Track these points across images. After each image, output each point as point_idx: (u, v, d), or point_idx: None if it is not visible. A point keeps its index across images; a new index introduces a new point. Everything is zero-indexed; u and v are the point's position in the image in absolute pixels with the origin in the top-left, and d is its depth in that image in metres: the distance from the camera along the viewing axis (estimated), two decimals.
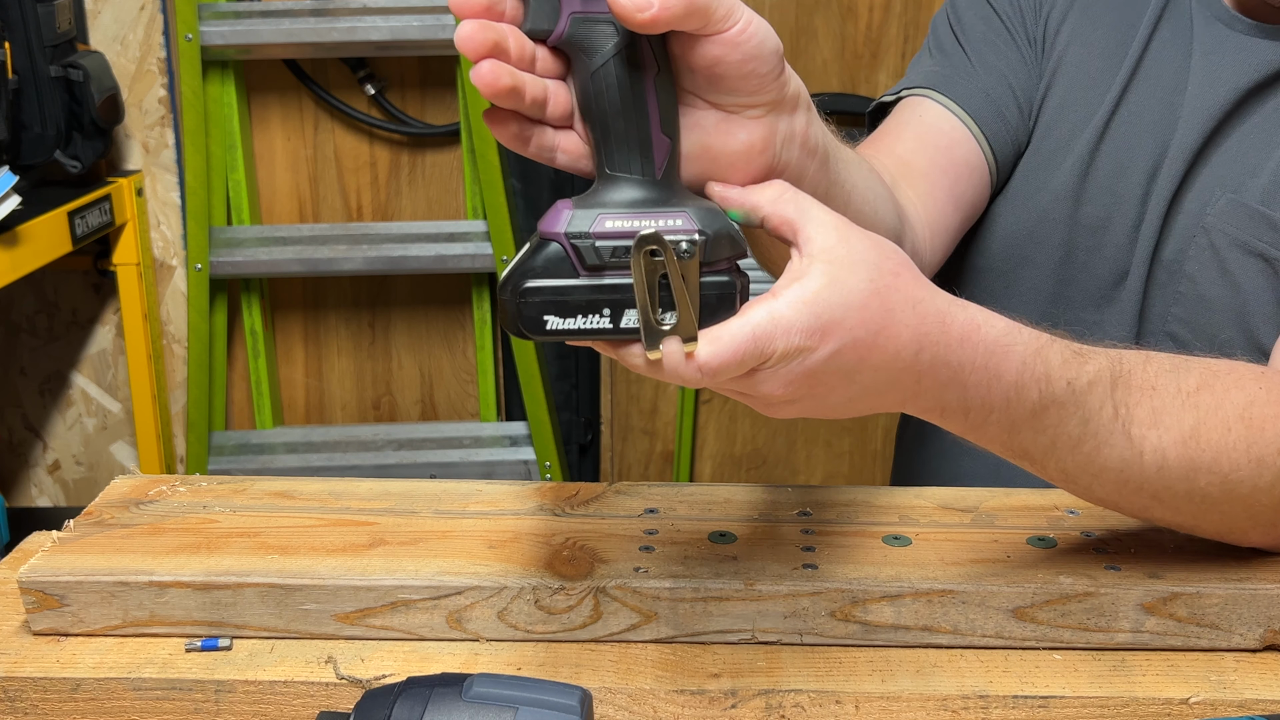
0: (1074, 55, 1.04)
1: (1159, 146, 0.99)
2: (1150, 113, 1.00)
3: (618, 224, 0.61)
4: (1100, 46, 1.03)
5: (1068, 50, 1.04)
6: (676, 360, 0.60)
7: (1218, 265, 0.95)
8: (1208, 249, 0.96)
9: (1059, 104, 1.03)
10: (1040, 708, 0.73)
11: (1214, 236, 0.95)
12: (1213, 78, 0.97)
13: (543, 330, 0.62)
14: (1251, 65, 0.96)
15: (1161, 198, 0.98)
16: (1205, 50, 0.98)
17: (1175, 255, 0.98)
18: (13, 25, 1.86)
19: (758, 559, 0.79)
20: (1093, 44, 1.03)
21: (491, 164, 2.07)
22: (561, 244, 0.61)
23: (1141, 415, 0.73)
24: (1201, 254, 0.96)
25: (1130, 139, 1.00)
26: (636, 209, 0.62)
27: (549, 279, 0.61)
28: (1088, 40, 1.03)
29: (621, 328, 0.62)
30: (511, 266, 0.63)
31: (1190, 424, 0.73)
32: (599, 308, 0.62)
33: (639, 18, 0.57)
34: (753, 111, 0.64)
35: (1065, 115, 1.03)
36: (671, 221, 0.61)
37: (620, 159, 0.62)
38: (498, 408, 2.37)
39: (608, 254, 0.61)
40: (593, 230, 0.61)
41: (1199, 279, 0.96)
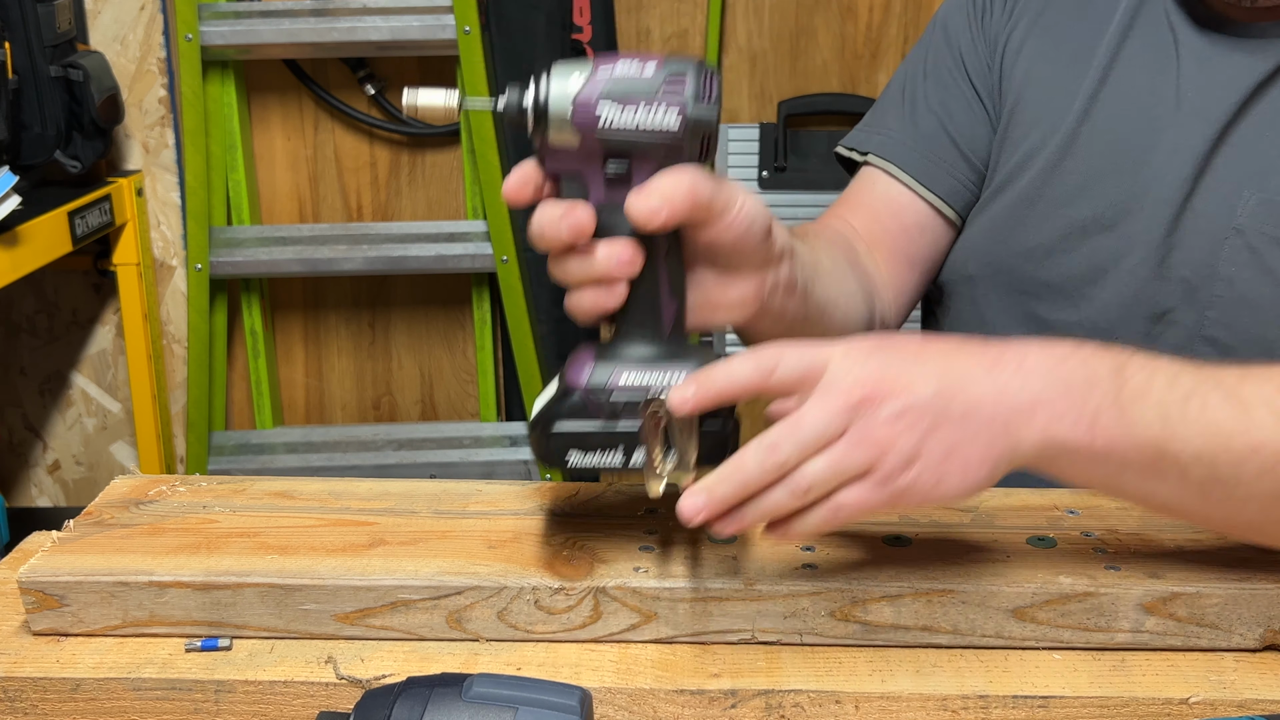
0: (1039, 71, 1.05)
1: (1139, 156, 0.99)
2: (1126, 123, 1.00)
3: (630, 379, 0.73)
4: (1065, 59, 1.04)
5: (1032, 68, 1.06)
6: (680, 505, 0.70)
7: (1258, 265, 0.94)
8: (1244, 250, 0.95)
9: (1029, 119, 1.05)
10: (1040, 708, 0.73)
11: (1250, 237, 0.94)
12: (1210, 82, 0.97)
13: (565, 463, 0.74)
14: (1251, 65, 0.96)
15: (1167, 205, 0.98)
16: (1197, 57, 0.98)
17: (1204, 259, 0.97)
18: (13, 25, 1.86)
19: (758, 559, 0.79)
20: (1057, 59, 1.05)
21: (491, 164, 2.08)
22: (584, 396, 0.73)
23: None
24: (1238, 255, 0.95)
25: (1102, 148, 1.01)
26: (647, 364, 0.74)
27: (572, 422, 0.73)
28: (1051, 57, 1.05)
29: (632, 466, 0.74)
30: (542, 408, 0.75)
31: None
32: (614, 446, 0.73)
33: (652, 224, 0.69)
34: (745, 270, 0.76)
35: (1031, 131, 1.04)
36: (676, 376, 0.73)
37: (635, 318, 0.74)
38: (498, 408, 2.37)
39: (621, 405, 0.73)
40: (609, 384, 0.73)
41: (1237, 281, 0.95)
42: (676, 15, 2.26)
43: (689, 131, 0.69)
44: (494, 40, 2.18)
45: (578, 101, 0.69)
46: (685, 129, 0.69)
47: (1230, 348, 0.97)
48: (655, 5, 2.26)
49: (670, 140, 0.69)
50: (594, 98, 0.69)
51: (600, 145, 0.70)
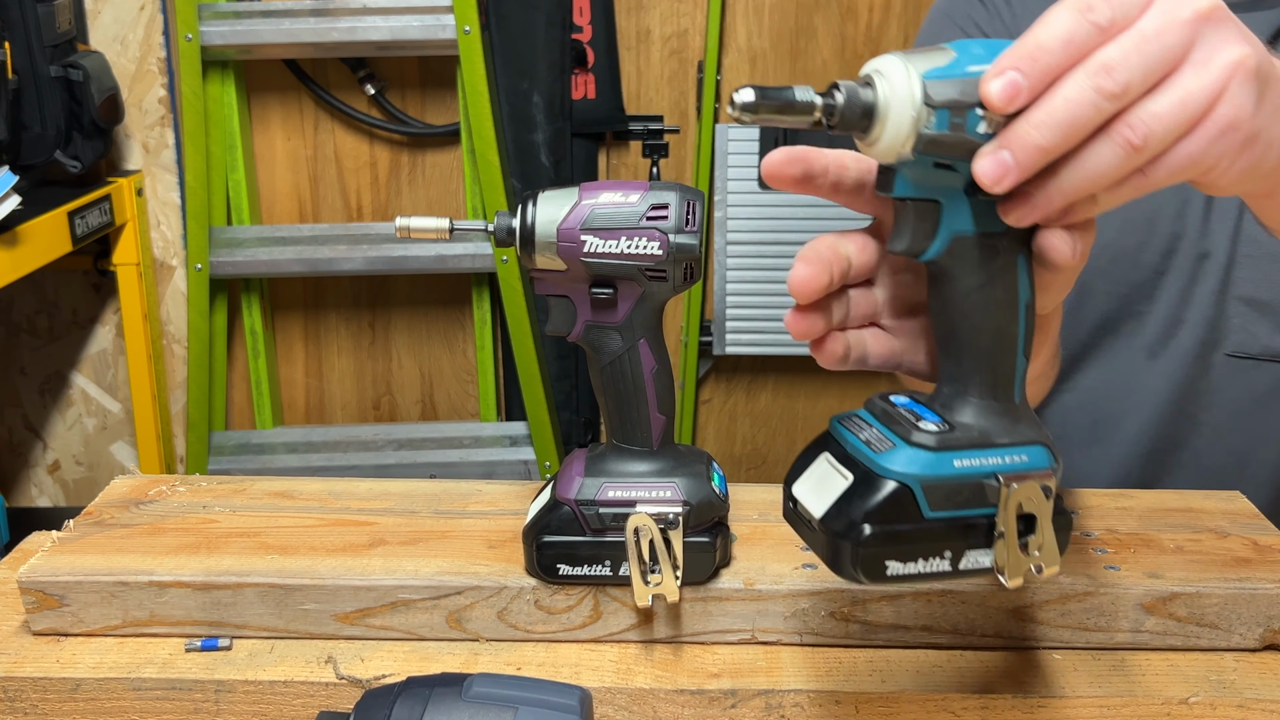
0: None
1: None
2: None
3: (617, 493, 0.75)
4: None
5: None
6: (979, 166, 0.53)
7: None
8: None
9: None
10: (1040, 708, 0.73)
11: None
12: None
13: (555, 575, 0.75)
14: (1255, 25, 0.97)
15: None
16: None
17: (1231, 221, 0.98)
18: (13, 25, 1.86)
19: (758, 559, 0.79)
20: None
21: (491, 164, 2.07)
22: (572, 509, 0.75)
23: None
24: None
25: None
26: (634, 480, 0.75)
27: (561, 535, 0.75)
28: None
29: (620, 575, 0.75)
30: (533, 518, 0.77)
31: None
32: (601, 560, 0.75)
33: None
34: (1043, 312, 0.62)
35: None
36: (662, 493, 0.75)
37: (625, 433, 0.76)
38: (498, 408, 2.37)
39: (609, 519, 0.75)
40: (597, 498, 0.75)
41: (1260, 238, 0.96)
42: (676, 15, 2.26)
43: (672, 260, 0.71)
44: (494, 40, 2.18)
45: (562, 230, 0.71)
46: (668, 257, 0.71)
47: (1269, 304, 0.98)
48: (655, 5, 2.26)
49: (654, 266, 0.71)
50: (578, 226, 0.70)
51: (586, 270, 0.71)
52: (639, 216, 0.71)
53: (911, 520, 0.56)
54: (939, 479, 0.56)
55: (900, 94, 0.52)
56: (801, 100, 0.52)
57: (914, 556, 0.56)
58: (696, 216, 0.71)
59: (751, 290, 2.35)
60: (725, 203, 2.30)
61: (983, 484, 0.56)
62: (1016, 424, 0.58)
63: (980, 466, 0.56)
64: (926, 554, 0.56)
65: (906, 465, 0.56)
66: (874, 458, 0.56)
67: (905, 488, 0.55)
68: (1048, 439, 0.58)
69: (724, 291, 2.34)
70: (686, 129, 2.31)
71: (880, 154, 0.54)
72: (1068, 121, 0.50)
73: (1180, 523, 0.85)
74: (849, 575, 0.56)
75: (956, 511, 0.56)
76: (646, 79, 2.30)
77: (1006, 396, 0.58)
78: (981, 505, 0.56)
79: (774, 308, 2.35)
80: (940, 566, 0.57)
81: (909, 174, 0.54)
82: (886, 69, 0.52)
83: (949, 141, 0.52)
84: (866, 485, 0.56)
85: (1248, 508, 0.88)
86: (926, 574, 0.57)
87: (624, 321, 0.73)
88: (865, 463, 0.57)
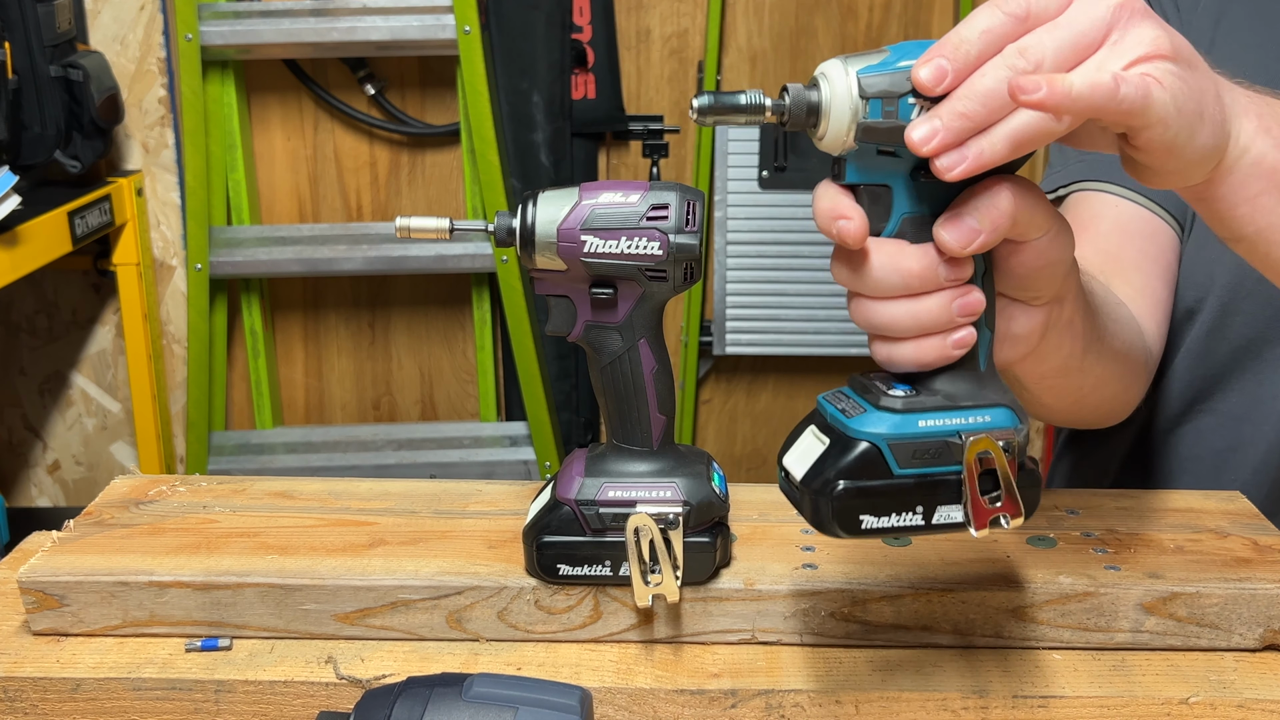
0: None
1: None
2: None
3: (617, 493, 0.75)
4: (1254, 64, 0.96)
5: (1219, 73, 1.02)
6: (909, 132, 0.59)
7: None
8: None
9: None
10: (1040, 708, 0.72)
11: None
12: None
13: (556, 575, 0.76)
14: None
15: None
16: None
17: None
18: (13, 25, 1.86)
19: (758, 559, 0.79)
20: (1245, 64, 0.97)
21: (491, 164, 2.08)
22: (572, 509, 0.75)
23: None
24: None
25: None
26: (634, 480, 0.75)
27: (561, 535, 0.75)
28: (1241, 61, 0.98)
29: (620, 575, 0.75)
30: (533, 518, 0.77)
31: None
32: (601, 560, 0.75)
33: (970, 250, 0.59)
34: (1038, 301, 0.68)
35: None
36: (662, 493, 0.75)
37: (625, 433, 0.76)
38: (498, 408, 2.37)
39: (609, 519, 0.75)
40: (597, 498, 0.75)
41: None
42: (676, 15, 2.26)
43: (672, 260, 0.71)
44: (494, 40, 2.18)
45: (562, 230, 0.71)
46: (669, 257, 0.71)
47: None
48: (655, 5, 2.26)
49: (654, 266, 0.71)
50: (578, 227, 0.71)
51: (586, 270, 0.72)
52: (639, 216, 0.71)
53: (882, 477, 0.61)
54: (905, 437, 0.61)
55: (840, 91, 0.58)
56: (751, 103, 0.59)
57: (886, 511, 0.61)
58: (697, 216, 0.71)
59: (751, 290, 2.35)
60: (725, 203, 2.30)
61: (948, 442, 0.61)
62: (982, 389, 0.63)
63: (944, 426, 0.62)
64: (899, 509, 0.62)
65: (874, 426, 0.61)
66: (847, 423, 0.62)
67: (874, 447, 0.61)
68: (1013, 402, 0.63)
69: (724, 291, 2.34)
70: (686, 129, 2.31)
71: (829, 146, 0.60)
72: (984, 92, 0.56)
73: (1180, 523, 0.85)
74: (828, 530, 0.62)
75: (925, 469, 0.61)
76: (646, 79, 2.30)
77: (972, 365, 0.63)
78: (949, 463, 0.61)
79: (774, 308, 2.35)
80: (913, 521, 0.62)
81: (856, 162, 0.60)
82: (829, 71, 0.59)
83: (884, 128, 0.58)
84: (840, 447, 0.62)
85: (1248, 508, 0.88)
86: (900, 527, 0.62)
87: (624, 321, 0.73)
88: (840, 428, 0.63)
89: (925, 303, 0.60)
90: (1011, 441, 0.61)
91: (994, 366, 0.64)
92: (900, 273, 0.60)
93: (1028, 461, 0.63)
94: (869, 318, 0.62)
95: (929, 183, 0.60)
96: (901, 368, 0.63)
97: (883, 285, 0.61)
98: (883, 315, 0.61)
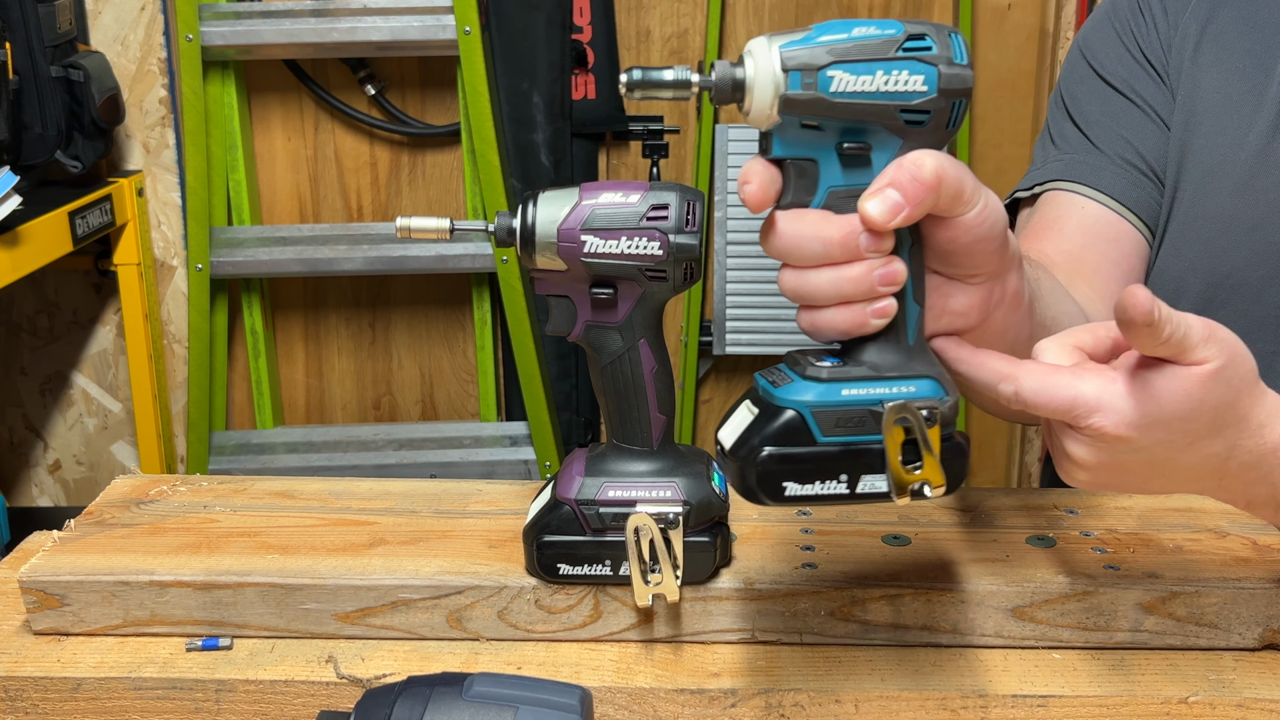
0: (1211, 81, 1.01)
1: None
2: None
3: (617, 493, 0.75)
4: (1239, 70, 1.00)
5: (1203, 78, 1.01)
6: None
7: None
8: None
9: (1208, 131, 1.00)
10: (1040, 707, 0.73)
11: None
12: None
13: (556, 574, 0.76)
14: None
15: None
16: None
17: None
18: (13, 25, 1.86)
19: (758, 559, 0.79)
20: (1230, 69, 1.00)
21: (491, 164, 2.08)
22: (572, 508, 0.76)
23: None
24: None
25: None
26: (634, 479, 0.75)
27: (562, 535, 0.75)
28: (1225, 66, 1.01)
29: (620, 575, 0.75)
30: (533, 518, 0.77)
31: None
32: (601, 560, 0.75)
33: (893, 224, 0.61)
34: (975, 279, 0.68)
35: (1214, 142, 1.00)
36: (662, 493, 0.75)
37: (625, 433, 0.76)
38: (498, 408, 2.37)
39: (609, 519, 0.75)
40: (597, 498, 0.75)
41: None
42: (676, 15, 2.26)
43: (672, 260, 0.71)
44: (494, 40, 2.18)
45: (562, 230, 0.71)
46: (668, 257, 0.71)
47: None
48: (655, 5, 2.26)
49: (654, 266, 0.71)
50: (578, 227, 0.71)
51: (586, 270, 0.72)
52: (639, 217, 0.71)
53: (805, 444, 0.62)
54: (828, 405, 0.62)
55: (763, 65, 0.60)
56: (677, 79, 0.61)
57: (810, 478, 0.63)
58: (696, 217, 0.71)
59: (751, 290, 2.35)
60: (725, 203, 2.30)
61: (872, 411, 0.62)
62: (909, 361, 0.64)
63: (867, 395, 0.63)
64: (823, 476, 0.63)
65: (799, 394, 0.63)
66: (774, 392, 0.64)
67: (798, 414, 0.62)
68: (940, 375, 0.64)
69: (724, 291, 2.34)
70: (686, 129, 2.31)
71: (755, 120, 0.62)
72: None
73: (1180, 522, 0.85)
74: (753, 496, 0.63)
75: (848, 437, 0.62)
76: None
77: (900, 338, 0.64)
78: (873, 432, 0.62)
79: (774, 308, 2.35)
80: (837, 489, 0.63)
81: (781, 135, 0.62)
82: (754, 47, 0.60)
83: (804, 100, 0.60)
84: (766, 415, 0.63)
85: None
86: (824, 495, 0.63)
87: (624, 321, 0.73)
88: (767, 398, 0.64)
89: (846, 271, 0.62)
90: (935, 411, 0.62)
91: (924, 340, 0.65)
92: (821, 241, 0.61)
93: (956, 435, 0.64)
94: (794, 286, 0.63)
95: (854, 156, 0.61)
96: (824, 336, 0.64)
97: (805, 254, 0.62)
98: (806, 284, 0.62)
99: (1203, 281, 0.99)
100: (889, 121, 0.61)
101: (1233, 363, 0.64)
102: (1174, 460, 0.65)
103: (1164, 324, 0.61)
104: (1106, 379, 0.64)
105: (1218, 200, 0.98)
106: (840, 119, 0.60)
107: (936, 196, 0.61)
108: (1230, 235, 0.98)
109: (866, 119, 0.61)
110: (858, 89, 0.60)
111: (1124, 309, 0.60)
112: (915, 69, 0.60)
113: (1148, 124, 1.03)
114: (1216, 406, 0.64)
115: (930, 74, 0.60)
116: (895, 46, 0.60)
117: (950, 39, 0.61)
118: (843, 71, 0.59)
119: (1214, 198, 0.99)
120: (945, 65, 0.60)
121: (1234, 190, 0.98)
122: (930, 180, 0.60)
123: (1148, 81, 1.04)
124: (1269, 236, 0.96)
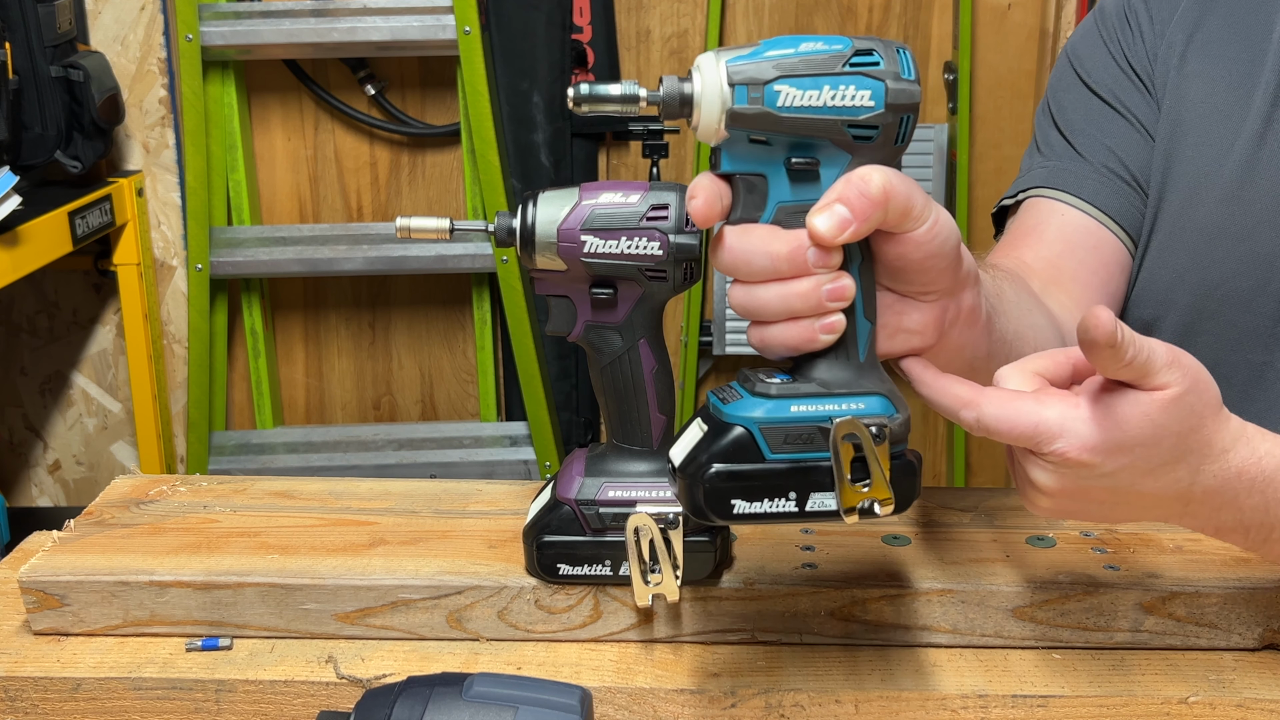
0: (1197, 91, 1.00)
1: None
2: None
3: (617, 493, 0.75)
4: (1225, 81, 0.99)
5: (1189, 88, 1.01)
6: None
7: None
8: None
9: (1194, 142, 1.00)
10: (1040, 707, 0.73)
11: None
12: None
13: (556, 574, 0.76)
14: None
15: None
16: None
17: None
18: (13, 25, 1.86)
19: (757, 559, 0.79)
20: (1216, 79, 1.00)
21: (491, 164, 2.08)
22: (572, 508, 0.76)
23: None
24: None
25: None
26: (634, 479, 0.75)
27: (561, 535, 0.75)
28: (1211, 76, 1.00)
29: (620, 575, 0.75)
30: (533, 518, 0.77)
31: None
32: (601, 560, 0.75)
33: (840, 239, 0.60)
34: (928, 297, 0.68)
35: (1200, 152, 0.99)
36: (662, 493, 0.75)
37: (625, 433, 0.76)
38: (498, 408, 2.37)
39: (609, 519, 0.75)
40: (597, 498, 0.75)
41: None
42: (676, 15, 2.26)
43: (672, 260, 0.71)
44: (494, 40, 2.18)
45: (562, 230, 0.71)
46: (668, 257, 0.71)
47: None
48: (655, 5, 2.26)
49: (654, 266, 0.71)
50: (578, 227, 0.71)
51: (586, 270, 0.72)
52: (639, 217, 0.71)
53: (754, 461, 0.62)
54: (776, 422, 0.62)
55: (710, 80, 0.60)
56: (624, 94, 0.61)
57: (759, 496, 0.62)
58: None
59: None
60: None
61: (820, 428, 0.62)
62: (859, 378, 0.63)
63: (816, 412, 0.62)
64: (771, 494, 0.62)
65: (747, 410, 0.62)
66: (723, 409, 0.63)
67: (746, 431, 0.62)
68: (891, 392, 0.64)
69: (724, 291, 2.34)
70: (686, 129, 2.31)
71: (704, 135, 0.61)
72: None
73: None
74: (701, 514, 0.62)
75: (797, 454, 0.62)
76: (646, 79, 2.30)
77: (850, 355, 0.63)
78: (822, 449, 0.62)
79: None
80: (786, 507, 0.62)
81: (730, 150, 0.61)
82: (702, 62, 0.60)
83: (751, 114, 0.60)
84: (714, 432, 0.63)
85: None
86: (772, 514, 0.62)
87: (624, 321, 0.73)
88: (717, 415, 0.64)
89: (794, 287, 0.61)
90: (885, 429, 0.62)
91: (875, 357, 0.65)
92: (770, 256, 0.61)
93: (907, 452, 0.64)
94: (742, 301, 0.63)
95: (803, 171, 0.61)
96: (773, 352, 0.64)
97: (753, 269, 0.62)
98: (755, 299, 0.62)
99: (1191, 292, 0.99)
100: (837, 136, 0.60)
101: (1195, 388, 0.63)
102: (1138, 486, 0.65)
103: (1126, 346, 0.60)
104: (1069, 404, 0.64)
105: (1205, 210, 0.98)
106: (788, 134, 0.60)
107: (884, 212, 0.61)
108: (1218, 245, 0.97)
109: (814, 134, 0.60)
110: (804, 104, 0.60)
111: (1086, 329, 0.60)
112: (862, 84, 0.60)
113: (1132, 134, 1.03)
114: (1179, 432, 0.64)
115: (878, 89, 0.60)
116: (842, 62, 0.60)
117: (898, 54, 0.61)
118: (789, 86, 0.59)
119: (1201, 208, 0.98)
120: (893, 80, 0.60)
121: (1221, 200, 0.97)
122: (878, 196, 0.60)
123: (1133, 91, 1.04)
124: (1257, 246, 0.96)
